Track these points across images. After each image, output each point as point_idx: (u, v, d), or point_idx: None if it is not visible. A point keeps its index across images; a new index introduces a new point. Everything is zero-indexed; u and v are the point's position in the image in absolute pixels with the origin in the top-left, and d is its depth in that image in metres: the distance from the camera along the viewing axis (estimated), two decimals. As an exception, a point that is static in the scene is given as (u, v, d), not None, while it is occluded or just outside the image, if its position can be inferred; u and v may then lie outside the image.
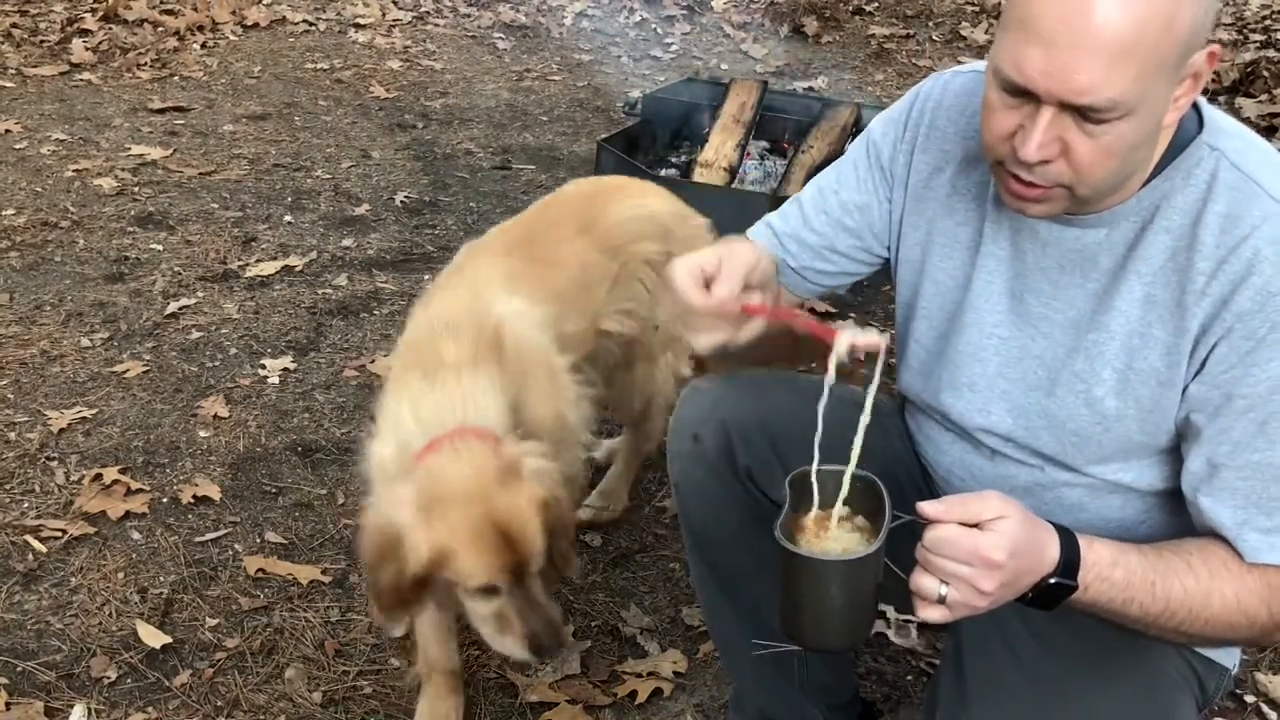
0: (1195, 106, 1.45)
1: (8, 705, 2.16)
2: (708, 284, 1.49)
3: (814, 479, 1.40)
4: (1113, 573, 1.35)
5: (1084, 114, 1.29)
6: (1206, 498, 1.42)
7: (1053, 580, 1.32)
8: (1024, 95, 1.31)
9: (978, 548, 1.25)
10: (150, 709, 2.19)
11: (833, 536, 1.39)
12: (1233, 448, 1.39)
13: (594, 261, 2.37)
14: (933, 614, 1.29)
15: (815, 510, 1.40)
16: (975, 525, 1.27)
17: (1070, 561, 1.33)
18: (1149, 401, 1.46)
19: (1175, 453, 1.49)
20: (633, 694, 2.26)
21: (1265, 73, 6.02)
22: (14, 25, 6.51)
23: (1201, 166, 1.42)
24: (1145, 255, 1.44)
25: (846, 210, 1.72)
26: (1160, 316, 1.43)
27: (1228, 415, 1.39)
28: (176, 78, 6.16)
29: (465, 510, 1.81)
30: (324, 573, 2.56)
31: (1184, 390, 1.43)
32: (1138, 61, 1.25)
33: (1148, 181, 1.43)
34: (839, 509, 1.40)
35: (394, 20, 7.62)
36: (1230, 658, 1.62)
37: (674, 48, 7.47)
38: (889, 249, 1.74)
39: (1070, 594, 1.34)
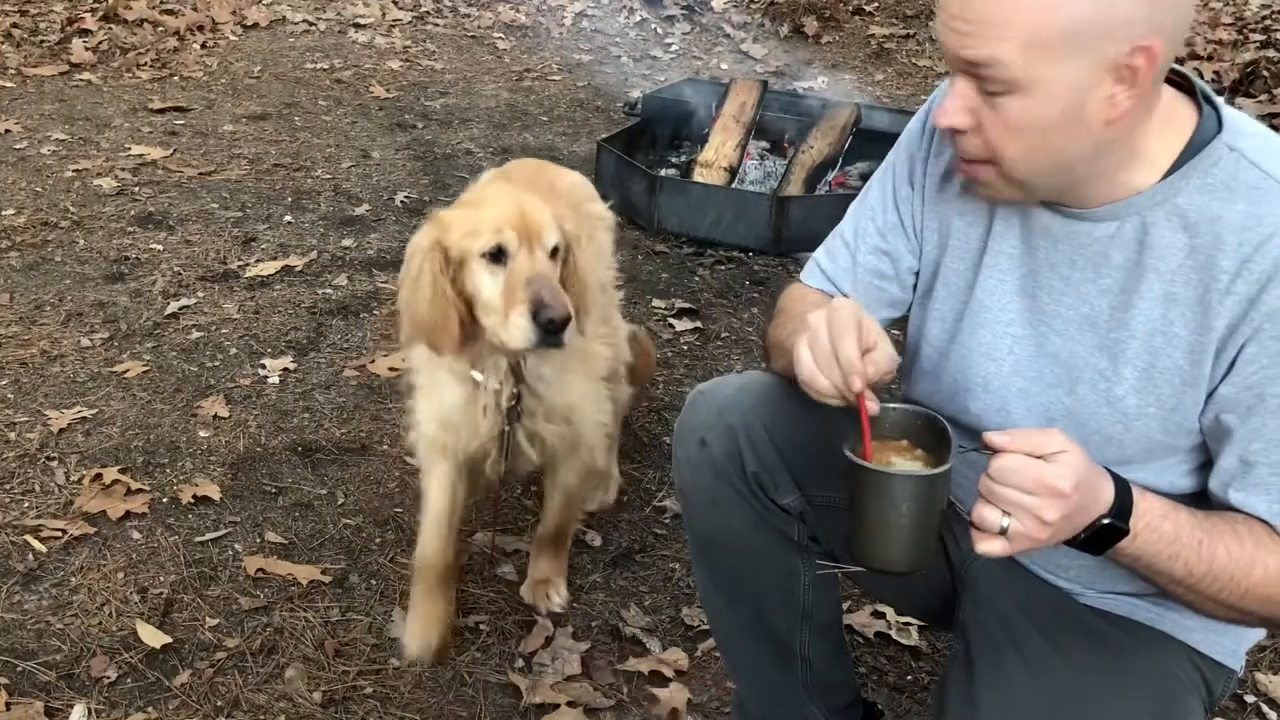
0: (1215, 108, 1.45)
1: (8, 705, 2.15)
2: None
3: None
4: (1162, 524, 1.35)
5: (978, 79, 1.35)
6: (1239, 492, 1.42)
7: (1105, 521, 1.32)
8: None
9: (1043, 476, 1.26)
10: (150, 709, 2.19)
11: (894, 463, 1.41)
12: (1265, 445, 1.40)
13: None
14: (993, 546, 1.29)
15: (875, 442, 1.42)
16: (1039, 458, 1.27)
17: (1124, 506, 1.33)
18: (1171, 400, 1.46)
19: (1194, 454, 1.49)
20: (634, 696, 2.26)
21: (1265, 73, 6.02)
22: (14, 25, 6.51)
23: (1220, 166, 1.42)
24: (1160, 253, 1.44)
25: (882, 235, 1.73)
26: (1182, 314, 1.43)
27: (1261, 415, 1.40)
28: (176, 78, 6.16)
29: (475, 195, 2.00)
30: (324, 573, 2.56)
31: (1210, 391, 1.43)
32: (1020, 29, 1.30)
33: (1165, 179, 1.43)
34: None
35: (394, 20, 7.62)
36: (1236, 659, 1.62)
37: (674, 48, 7.47)
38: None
39: (1121, 538, 1.34)
